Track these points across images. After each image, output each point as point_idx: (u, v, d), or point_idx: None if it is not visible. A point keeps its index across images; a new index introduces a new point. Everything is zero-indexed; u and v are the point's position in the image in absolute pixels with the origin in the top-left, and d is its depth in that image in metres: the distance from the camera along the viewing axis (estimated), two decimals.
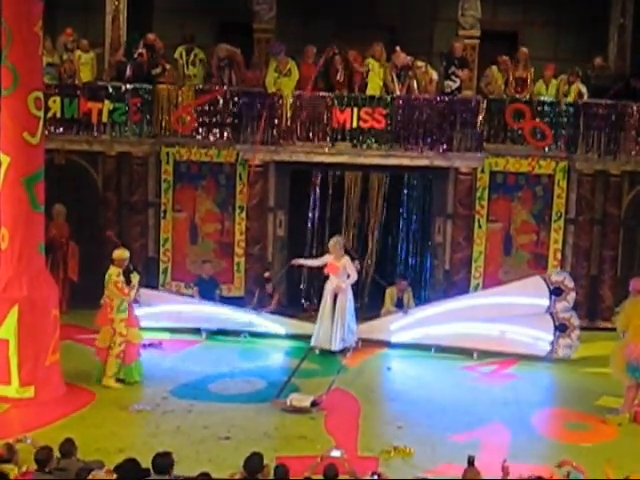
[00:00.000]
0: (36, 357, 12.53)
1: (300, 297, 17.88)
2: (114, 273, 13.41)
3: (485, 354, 15.26)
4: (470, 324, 15.21)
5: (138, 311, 15.82)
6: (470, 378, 14.53)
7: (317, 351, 15.29)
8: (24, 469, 8.93)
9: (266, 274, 16.89)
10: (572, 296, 15.19)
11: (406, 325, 15.58)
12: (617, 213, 17.32)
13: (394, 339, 15.60)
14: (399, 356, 15.47)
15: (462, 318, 15.26)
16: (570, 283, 15.23)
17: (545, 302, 15.10)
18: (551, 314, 15.12)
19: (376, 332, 15.73)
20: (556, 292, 15.09)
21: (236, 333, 15.95)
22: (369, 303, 17.48)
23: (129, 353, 13.50)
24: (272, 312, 16.24)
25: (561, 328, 15.12)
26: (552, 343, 15.12)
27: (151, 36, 17.37)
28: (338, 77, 17.04)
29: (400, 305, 16.13)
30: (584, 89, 17.22)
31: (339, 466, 9.30)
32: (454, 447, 11.29)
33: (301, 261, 15.99)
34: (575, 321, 15.21)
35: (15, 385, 12.52)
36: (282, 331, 15.89)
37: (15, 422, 11.96)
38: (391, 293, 16.40)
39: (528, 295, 15.24)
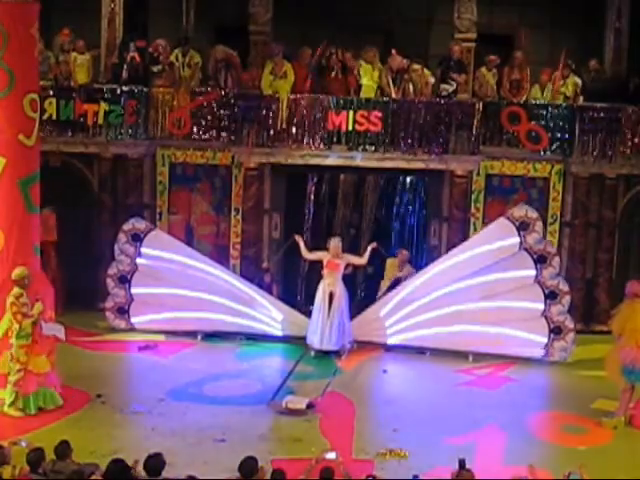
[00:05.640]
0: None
1: (295, 299, 17.78)
2: (14, 295, 12.23)
3: (480, 357, 15.26)
4: (463, 308, 15.21)
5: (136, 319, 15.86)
6: (465, 381, 14.52)
7: (312, 353, 15.29)
8: (17, 470, 8.90)
9: (264, 264, 16.89)
10: (556, 261, 15.25)
11: (395, 307, 15.51)
12: (612, 216, 17.31)
13: (389, 340, 15.61)
14: (394, 359, 15.46)
15: (452, 301, 15.25)
16: (533, 214, 15.27)
17: (516, 240, 15.09)
18: (539, 282, 15.13)
19: (368, 324, 15.68)
20: (523, 227, 15.11)
21: (231, 335, 15.92)
22: (363, 299, 17.46)
23: (27, 382, 12.31)
24: None
25: (551, 296, 15.15)
26: (544, 312, 15.10)
27: (161, 41, 17.36)
28: (333, 75, 17.05)
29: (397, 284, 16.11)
30: (579, 81, 17.27)
31: (334, 469, 9.29)
32: (449, 450, 11.27)
33: (301, 242, 15.84)
34: (564, 286, 15.23)
35: None
36: (279, 317, 15.79)
37: (10, 424, 11.93)
38: (392, 264, 16.41)
39: (497, 238, 15.25)
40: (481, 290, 15.23)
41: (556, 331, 15.20)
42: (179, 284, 15.81)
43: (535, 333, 15.22)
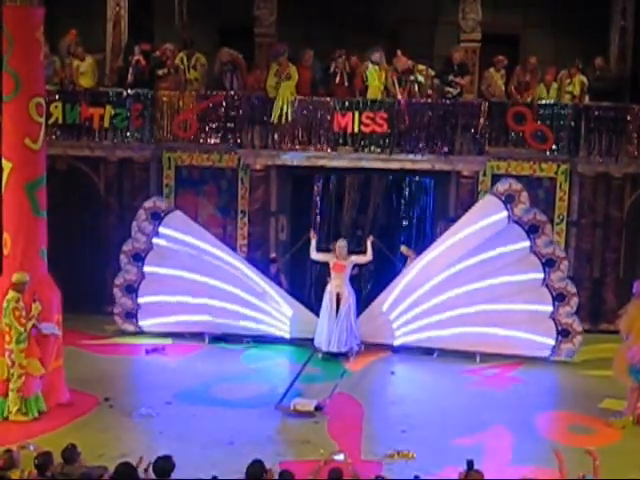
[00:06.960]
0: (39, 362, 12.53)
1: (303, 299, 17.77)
2: (13, 299, 12.08)
3: (488, 357, 15.25)
4: (463, 290, 15.26)
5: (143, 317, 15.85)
6: (473, 381, 14.53)
7: (320, 355, 15.30)
8: (25, 473, 8.92)
9: (272, 255, 16.89)
10: (548, 229, 15.35)
11: (397, 298, 15.50)
12: (619, 215, 17.31)
13: (396, 334, 15.59)
14: (402, 360, 15.47)
15: (452, 285, 15.29)
16: (517, 185, 15.32)
17: (504, 213, 15.14)
18: (535, 253, 15.15)
19: (373, 321, 15.67)
20: (509, 200, 15.16)
21: (239, 338, 15.93)
22: (369, 296, 17.45)
23: (28, 386, 12.26)
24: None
25: (549, 263, 15.17)
26: (544, 280, 15.13)
27: (169, 45, 17.39)
28: (337, 80, 17.05)
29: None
30: (585, 80, 17.27)
31: (342, 470, 9.28)
32: (457, 450, 11.26)
33: (313, 241, 15.79)
34: (559, 252, 15.34)
35: None
36: (289, 313, 15.77)
37: (18, 428, 11.94)
38: (406, 250, 16.56)
39: (486, 215, 15.30)
40: (479, 268, 15.26)
41: (564, 333, 15.24)
42: (193, 268, 15.73)
43: (539, 303, 15.23)
